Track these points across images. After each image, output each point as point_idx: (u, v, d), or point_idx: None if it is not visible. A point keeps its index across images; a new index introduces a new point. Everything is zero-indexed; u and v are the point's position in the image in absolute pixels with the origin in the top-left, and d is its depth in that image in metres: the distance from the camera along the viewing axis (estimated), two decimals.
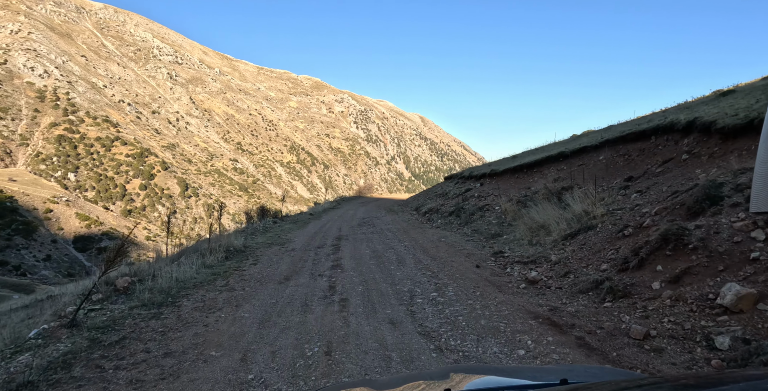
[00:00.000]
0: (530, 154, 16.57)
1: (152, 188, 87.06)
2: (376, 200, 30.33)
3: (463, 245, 9.15)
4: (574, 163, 11.61)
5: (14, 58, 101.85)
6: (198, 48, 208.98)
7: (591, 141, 11.97)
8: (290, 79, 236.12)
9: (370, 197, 37.16)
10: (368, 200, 31.79)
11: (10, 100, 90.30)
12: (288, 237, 11.84)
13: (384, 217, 15.87)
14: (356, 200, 31.22)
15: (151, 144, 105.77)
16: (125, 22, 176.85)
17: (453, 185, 19.78)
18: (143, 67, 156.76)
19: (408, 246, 9.37)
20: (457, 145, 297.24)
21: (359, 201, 29.25)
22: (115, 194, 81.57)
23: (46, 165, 79.64)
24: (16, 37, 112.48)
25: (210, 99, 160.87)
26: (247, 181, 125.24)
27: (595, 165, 10.68)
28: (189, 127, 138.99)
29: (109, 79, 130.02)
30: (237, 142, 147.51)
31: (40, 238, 45.59)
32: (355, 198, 33.22)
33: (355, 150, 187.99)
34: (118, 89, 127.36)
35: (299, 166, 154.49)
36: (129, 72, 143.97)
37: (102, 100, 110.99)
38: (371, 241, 10.35)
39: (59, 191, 59.37)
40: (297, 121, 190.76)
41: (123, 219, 68.85)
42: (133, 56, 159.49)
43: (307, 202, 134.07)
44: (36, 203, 51.15)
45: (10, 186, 52.12)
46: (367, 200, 30.82)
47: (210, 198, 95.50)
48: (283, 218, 18.24)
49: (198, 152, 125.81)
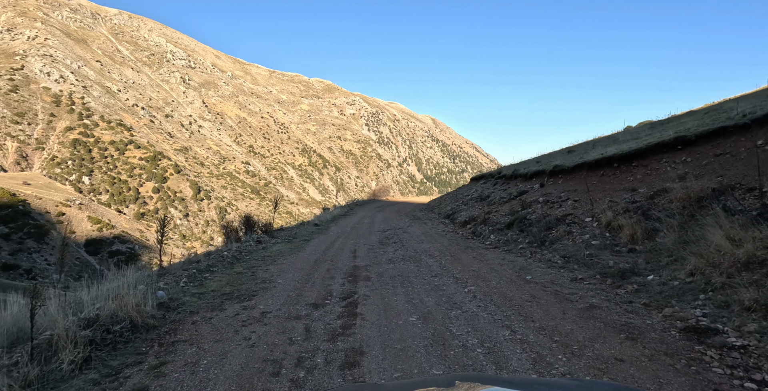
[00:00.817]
0: (597, 146, 13.29)
1: (165, 191, 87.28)
2: (393, 204, 27.78)
3: (581, 294, 5.30)
4: (706, 153, 8.16)
5: (31, 63, 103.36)
6: (211, 52, 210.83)
7: (720, 121, 8.53)
8: (302, 82, 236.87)
9: (385, 200, 34.82)
10: (384, 203, 29.35)
11: (27, 104, 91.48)
12: (265, 275, 7.35)
13: (411, 228, 12.42)
14: (371, 203, 28.82)
15: (164, 147, 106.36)
16: (139, 27, 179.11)
17: (491, 187, 16.42)
18: (157, 71, 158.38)
19: (480, 298, 5.47)
20: (469, 146, 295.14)
21: (375, 205, 26.59)
22: (128, 197, 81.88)
23: (61, 169, 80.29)
24: (33, 43, 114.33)
25: (222, 102, 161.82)
26: (259, 183, 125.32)
27: (748, 154, 7.23)
28: (201, 130, 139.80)
29: (124, 83, 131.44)
30: (249, 145, 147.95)
31: (51, 241, 45.60)
32: (369, 202, 30.74)
33: (367, 152, 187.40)
34: (132, 93, 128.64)
35: (311, 169, 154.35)
36: (143, 76, 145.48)
37: (116, 105, 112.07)
38: (409, 281, 6.55)
39: (73, 195, 59.63)
40: (308, 123, 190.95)
41: (135, 222, 68.96)
42: (147, 61, 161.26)
43: (318, 204, 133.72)
44: (48, 207, 51.28)
45: (24, 189, 52.37)
46: (384, 204, 28.21)
47: (222, 201, 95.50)
48: (275, 233, 14.05)
49: (210, 155, 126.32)
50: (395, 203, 28.66)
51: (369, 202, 30.86)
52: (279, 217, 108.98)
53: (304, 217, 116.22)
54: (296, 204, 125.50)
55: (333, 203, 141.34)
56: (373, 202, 30.92)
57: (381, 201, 32.46)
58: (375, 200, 32.66)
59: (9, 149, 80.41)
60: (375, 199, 33.97)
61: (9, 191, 47.53)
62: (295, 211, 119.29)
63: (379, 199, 34.42)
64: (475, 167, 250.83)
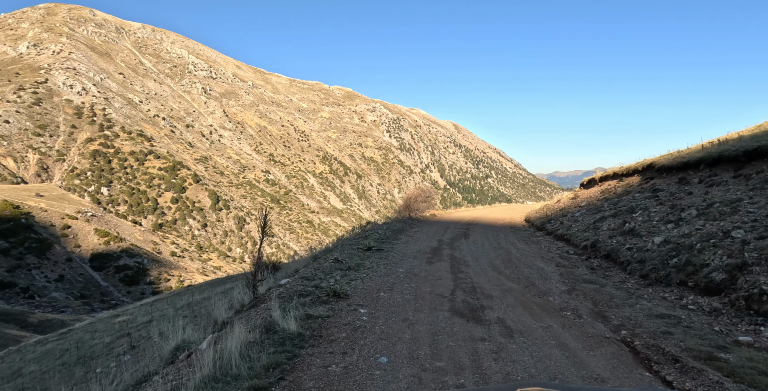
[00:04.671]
0: None
1: (183, 201, 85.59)
2: (468, 225, 17.79)
3: None
4: None
5: (54, 76, 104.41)
6: (232, 63, 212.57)
7: None
8: (322, 90, 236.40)
9: (432, 217, 21.80)
10: (444, 223, 18.93)
11: (49, 117, 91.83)
12: None
13: None
14: (419, 225, 17.86)
15: (183, 157, 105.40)
16: (162, 40, 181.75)
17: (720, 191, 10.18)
18: (179, 82, 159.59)
19: None
20: (492, 151, 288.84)
21: (431, 228, 16.79)
22: (146, 208, 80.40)
23: (80, 180, 79.54)
24: (58, 57, 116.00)
25: (243, 112, 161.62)
26: (279, 192, 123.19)
27: None
28: (222, 139, 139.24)
29: (146, 94, 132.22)
30: (269, 154, 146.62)
31: (54, 256, 43.26)
32: (410, 222, 18.78)
33: (389, 159, 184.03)
34: (154, 104, 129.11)
35: (332, 177, 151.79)
36: (165, 88, 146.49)
37: (137, 116, 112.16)
38: None
39: (85, 206, 57.96)
40: (329, 131, 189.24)
41: (151, 234, 66.96)
42: (170, 72, 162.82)
43: (340, 213, 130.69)
44: (54, 219, 49.32)
45: (30, 202, 50.72)
46: (446, 223, 18.61)
47: (241, 210, 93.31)
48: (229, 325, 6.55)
49: (230, 164, 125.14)
50: (472, 224, 18.74)
51: (411, 222, 19.00)
52: (299, 226, 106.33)
53: (325, 227, 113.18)
54: (317, 213, 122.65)
55: (355, 210, 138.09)
56: (418, 222, 19.29)
57: (428, 219, 20.85)
58: (418, 219, 20.47)
59: (30, 161, 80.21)
60: (411, 211, 21.30)
61: (12, 203, 45.69)
62: (316, 220, 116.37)
63: (420, 214, 21.79)
64: (499, 172, 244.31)
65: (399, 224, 17.90)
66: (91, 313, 33.98)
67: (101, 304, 38.94)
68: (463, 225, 18.27)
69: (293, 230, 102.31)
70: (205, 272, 57.12)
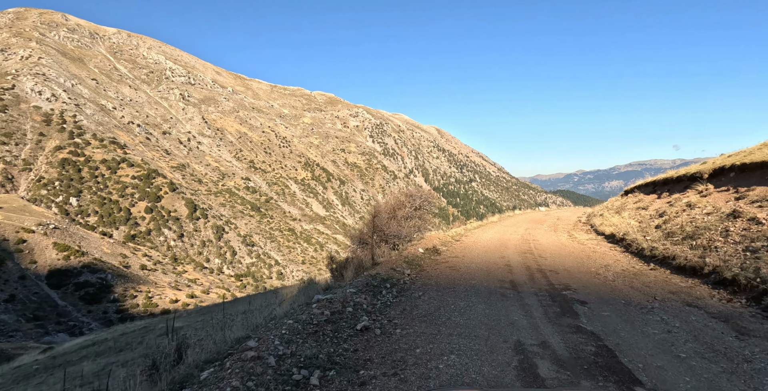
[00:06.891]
0: None
1: (158, 211, 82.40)
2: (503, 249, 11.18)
3: None
4: None
5: (22, 82, 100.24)
6: (211, 68, 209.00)
7: None
8: (304, 95, 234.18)
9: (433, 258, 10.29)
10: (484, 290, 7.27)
11: (15, 124, 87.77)
12: None
13: None
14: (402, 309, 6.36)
15: (159, 165, 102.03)
16: (138, 45, 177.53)
17: None
18: (155, 88, 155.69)
19: None
20: (475, 155, 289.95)
21: None
22: (118, 218, 77.04)
23: (47, 190, 75.85)
24: (26, 62, 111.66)
25: (222, 118, 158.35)
26: (260, 200, 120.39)
27: None
28: (200, 146, 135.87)
29: (120, 101, 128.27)
30: (249, 161, 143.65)
31: (5, 274, 39.99)
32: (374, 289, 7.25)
33: (372, 164, 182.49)
34: (128, 111, 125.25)
35: (314, 183, 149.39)
36: (141, 94, 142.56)
37: (110, 122, 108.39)
38: None
39: (48, 217, 54.73)
40: (311, 137, 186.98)
41: (120, 246, 63.78)
42: (146, 78, 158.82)
43: (323, 220, 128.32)
44: (8, 233, 46.01)
45: None
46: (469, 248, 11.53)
47: (220, 219, 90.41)
48: None
49: (209, 172, 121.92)
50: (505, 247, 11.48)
51: None
52: (281, 235, 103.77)
53: (308, 234, 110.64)
54: (299, 220, 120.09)
55: (338, 217, 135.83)
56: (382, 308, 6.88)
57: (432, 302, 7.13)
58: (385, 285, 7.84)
59: None
60: (381, 260, 10.21)
61: None
62: (298, 227, 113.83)
63: (403, 257, 10.23)
64: (483, 176, 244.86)
65: None
66: (45, 336, 31.21)
67: (57, 326, 35.99)
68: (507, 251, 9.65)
69: (274, 239, 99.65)
70: (178, 286, 54.33)
